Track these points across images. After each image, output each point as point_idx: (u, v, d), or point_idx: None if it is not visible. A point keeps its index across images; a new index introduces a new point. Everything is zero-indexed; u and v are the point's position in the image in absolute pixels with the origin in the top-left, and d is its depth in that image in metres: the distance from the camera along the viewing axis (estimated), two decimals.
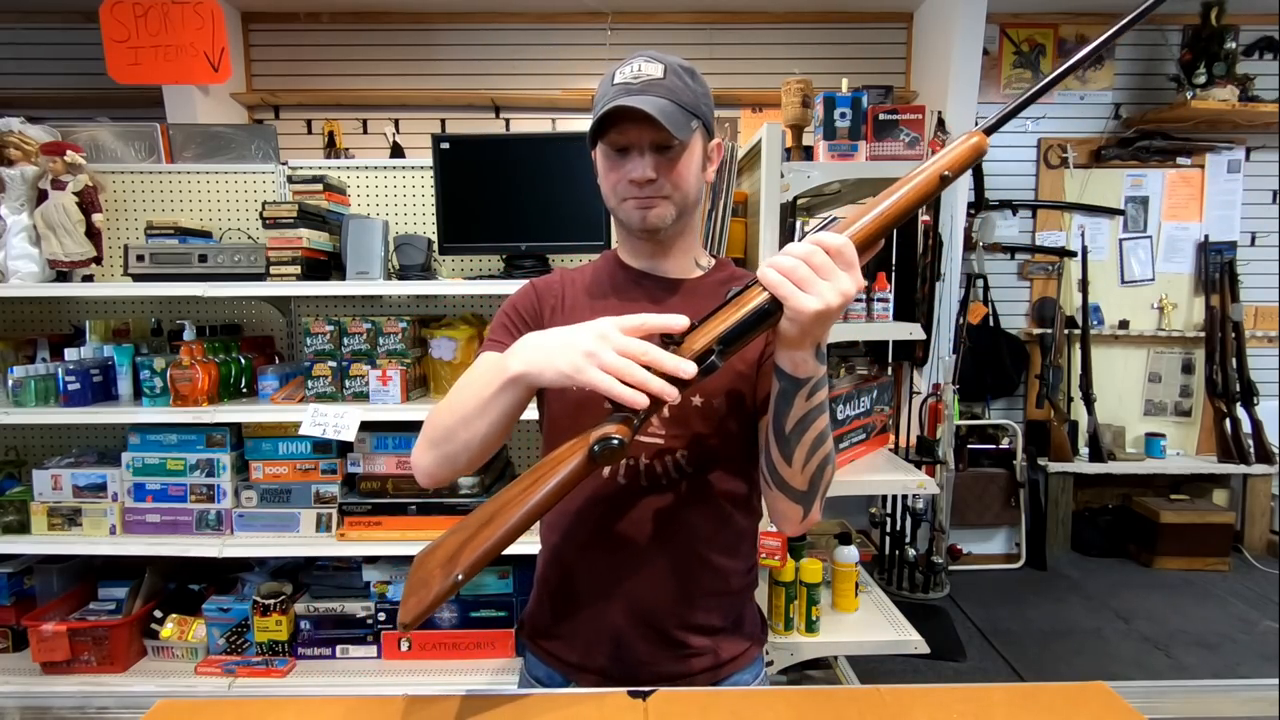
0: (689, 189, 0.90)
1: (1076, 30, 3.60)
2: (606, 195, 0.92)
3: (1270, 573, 3.43)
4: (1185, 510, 3.47)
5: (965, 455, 3.50)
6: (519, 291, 1.00)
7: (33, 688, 1.80)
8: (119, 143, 2.19)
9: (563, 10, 3.44)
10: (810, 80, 1.87)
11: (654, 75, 0.85)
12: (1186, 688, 0.87)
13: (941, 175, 0.68)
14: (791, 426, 0.77)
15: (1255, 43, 3.54)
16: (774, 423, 0.79)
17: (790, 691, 0.76)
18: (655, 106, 0.81)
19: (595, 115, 0.85)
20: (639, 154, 0.86)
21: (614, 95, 0.84)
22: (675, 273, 0.97)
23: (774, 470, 0.82)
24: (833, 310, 0.66)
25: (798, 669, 1.87)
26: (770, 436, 0.81)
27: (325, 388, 1.82)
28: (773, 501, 0.87)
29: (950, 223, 3.26)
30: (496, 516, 0.71)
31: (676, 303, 0.94)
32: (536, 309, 0.97)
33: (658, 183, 0.87)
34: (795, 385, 0.75)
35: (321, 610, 1.91)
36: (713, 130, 0.94)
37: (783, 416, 0.78)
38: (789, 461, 0.80)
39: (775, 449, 0.81)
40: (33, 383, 1.82)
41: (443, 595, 0.69)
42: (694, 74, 0.89)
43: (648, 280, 0.97)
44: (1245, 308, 3.60)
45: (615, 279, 0.98)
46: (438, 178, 1.93)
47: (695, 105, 0.87)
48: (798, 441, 0.78)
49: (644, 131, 0.85)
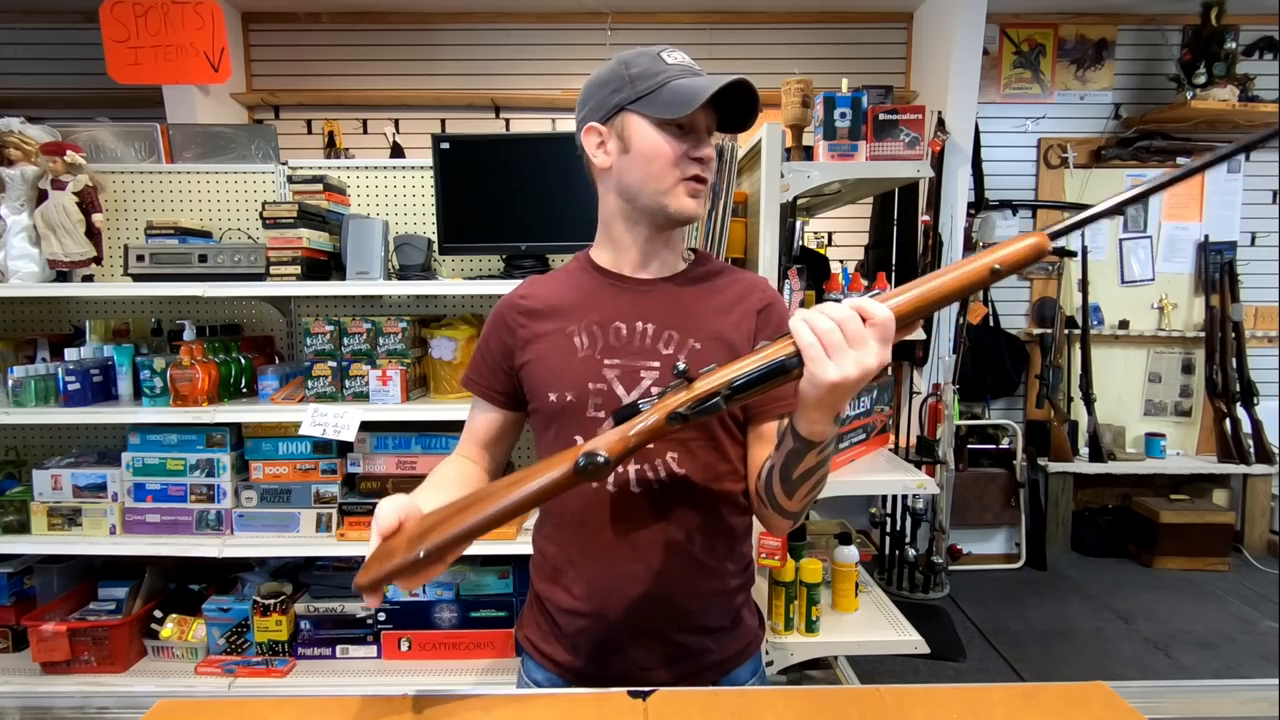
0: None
1: (1077, 30, 3.60)
2: (658, 175, 0.87)
3: (1270, 573, 3.43)
4: (1185, 510, 3.47)
5: (965, 455, 3.50)
6: (487, 323, 1.00)
7: (33, 688, 1.80)
8: (119, 143, 2.19)
9: (563, 10, 3.44)
10: (810, 80, 1.87)
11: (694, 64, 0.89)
12: (1186, 688, 0.87)
13: (992, 269, 0.65)
14: (798, 475, 0.78)
15: (1255, 43, 3.54)
16: (781, 470, 0.79)
17: (790, 691, 0.76)
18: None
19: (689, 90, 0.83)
20: (706, 134, 0.88)
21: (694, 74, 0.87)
22: (657, 271, 0.95)
23: (773, 499, 0.83)
24: (849, 383, 0.63)
25: (798, 669, 1.87)
26: (776, 478, 0.80)
27: (325, 388, 1.82)
28: (763, 515, 0.90)
29: (950, 223, 3.26)
30: (473, 506, 0.72)
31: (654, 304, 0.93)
32: (506, 344, 0.97)
33: (710, 166, 0.90)
34: (808, 446, 0.73)
35: (321, 610, 1.91)
36: None
37: (791, 469, 0.77)
38: (790, 497, 0.81)
39: (778, 486, 0.81)
40: (33, 383, 1.82)
41: (402, 568, 0.70)
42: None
43: (624, 281, 0.95)
44: (1245, 308, 3.60)
45: (589, 280, 0.97)
46: (438, 178, 1.93)
47: None
48: (803, 483, 0.79)
49: (710, 115, 0.88)
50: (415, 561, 0.69)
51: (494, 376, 0.98)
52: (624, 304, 0.93)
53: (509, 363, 0.96)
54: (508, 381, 0.97)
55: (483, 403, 1.00)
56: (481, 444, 1.01)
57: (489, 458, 1.02)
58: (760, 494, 0.86)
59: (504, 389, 0.98)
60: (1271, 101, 3.41)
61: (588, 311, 0.93)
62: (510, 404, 0.99)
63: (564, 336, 0.92)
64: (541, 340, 0.93)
